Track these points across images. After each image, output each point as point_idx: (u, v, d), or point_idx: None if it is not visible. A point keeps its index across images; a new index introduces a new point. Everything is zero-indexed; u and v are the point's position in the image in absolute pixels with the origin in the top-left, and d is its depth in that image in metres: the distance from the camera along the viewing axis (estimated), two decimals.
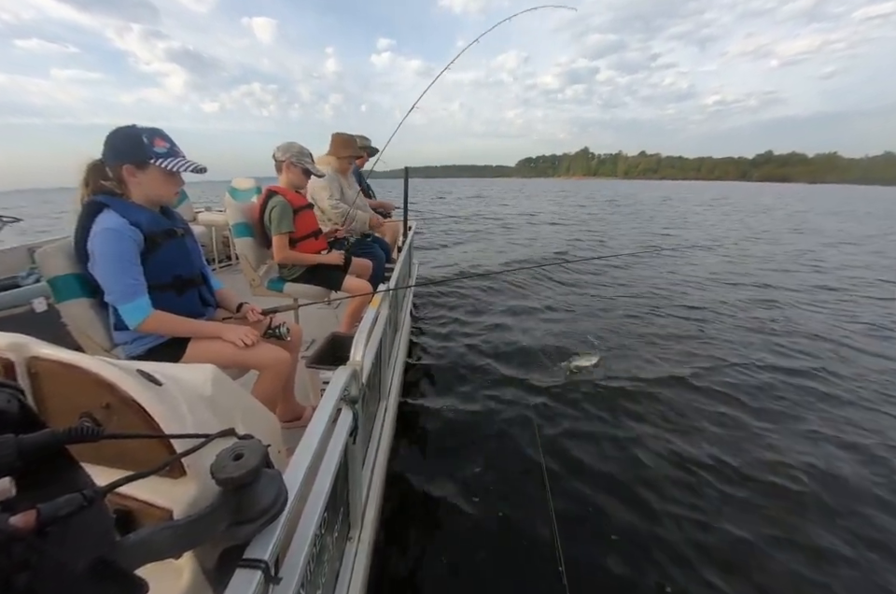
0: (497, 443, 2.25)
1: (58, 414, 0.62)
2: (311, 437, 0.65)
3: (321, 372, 1.66)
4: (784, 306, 4.77)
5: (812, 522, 1.75)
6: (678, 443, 2.23)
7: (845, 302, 5.05)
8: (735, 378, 2.97)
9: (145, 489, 0.59)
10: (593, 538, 1.65)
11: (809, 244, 9.87)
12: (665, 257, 7.43)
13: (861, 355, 3.49)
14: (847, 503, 1.85)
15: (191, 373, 0.73)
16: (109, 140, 1.10)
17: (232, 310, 1.44)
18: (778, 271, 6.73)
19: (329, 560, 0.79)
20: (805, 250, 8.86)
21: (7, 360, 0.61)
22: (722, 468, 2.05)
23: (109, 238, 1.07)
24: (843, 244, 10.00)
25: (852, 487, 1.95)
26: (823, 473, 2.03)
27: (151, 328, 1.16)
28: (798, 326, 4.11)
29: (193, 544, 0.43)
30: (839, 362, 3.33)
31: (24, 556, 0.27)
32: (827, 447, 2.23)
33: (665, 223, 14.12)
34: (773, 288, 5.59)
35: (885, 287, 5.79)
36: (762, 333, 3.89)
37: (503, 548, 1.60)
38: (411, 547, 1.61)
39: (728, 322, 4.17)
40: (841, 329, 4.06)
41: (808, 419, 2.49)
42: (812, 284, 5.88)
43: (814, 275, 6.56)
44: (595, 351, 3.33)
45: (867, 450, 2.23)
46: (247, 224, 2.10)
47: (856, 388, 2.91)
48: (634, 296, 5.07)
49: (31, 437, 0.33)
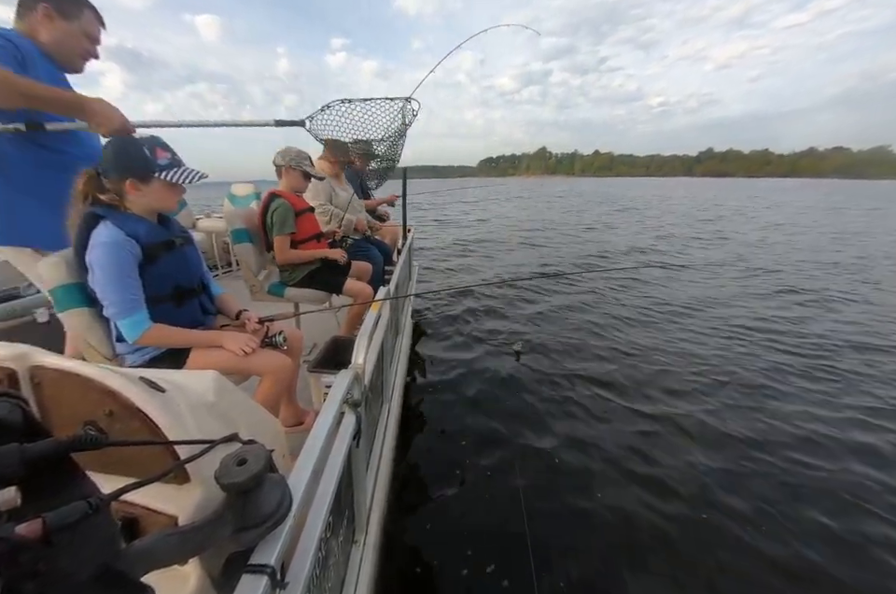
0: (503, 442, 2.24)
1: (61, 422, 0.63)
2: (314, 441, 0.65)
3: (323, 376, 1.66)
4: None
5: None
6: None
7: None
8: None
9: (149, 496, 0.59)
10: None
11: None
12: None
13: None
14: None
15: (194, 379, 0.73)
16: (108, 153, 1.10)
17: (232, 317, 1.44)
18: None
19: (335, 565, 0.79)
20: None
21: (10, 369, 0.61)
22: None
23: (107, 253, 1.07)
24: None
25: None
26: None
27: (150, 341, 1.16)
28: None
29: (199, 551, 0.43)
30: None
31: (31, 564, 0.27)
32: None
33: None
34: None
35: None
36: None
37: (510, 552, 1.60)
38: (417, 550, 1.60)
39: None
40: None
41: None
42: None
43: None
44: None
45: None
46: (246, 230, 2.11)
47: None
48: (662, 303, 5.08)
49: (35, 446, 0.33)
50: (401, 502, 1.77)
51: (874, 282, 5.84)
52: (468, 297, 4.93)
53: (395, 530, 1.61)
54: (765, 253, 8.06)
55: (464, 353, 3.38)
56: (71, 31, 1.34)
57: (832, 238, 10.14)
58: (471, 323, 4.07)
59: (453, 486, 1.93)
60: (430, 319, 4.21)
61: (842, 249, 8.56)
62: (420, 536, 1.67)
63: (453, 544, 1.63)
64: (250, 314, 1.42)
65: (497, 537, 1.66)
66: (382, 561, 1.14)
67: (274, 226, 2.01)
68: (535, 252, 8.23)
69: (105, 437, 0.38)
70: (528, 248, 8.67)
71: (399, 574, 1.51)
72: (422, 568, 1.54)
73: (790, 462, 2.10)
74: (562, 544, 1.63)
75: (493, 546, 1.62)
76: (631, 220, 14.16)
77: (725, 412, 2.51)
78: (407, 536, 1.66)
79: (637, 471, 2.01)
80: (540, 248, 8.60)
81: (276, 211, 2.00)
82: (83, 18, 1.36)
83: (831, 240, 9.83)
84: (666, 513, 1.76)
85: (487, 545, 1.62)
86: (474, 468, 2.04)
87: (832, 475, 2.02)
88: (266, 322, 1.42)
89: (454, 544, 1.63)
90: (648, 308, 4.54)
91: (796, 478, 1.99)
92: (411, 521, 1.73)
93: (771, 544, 1.63)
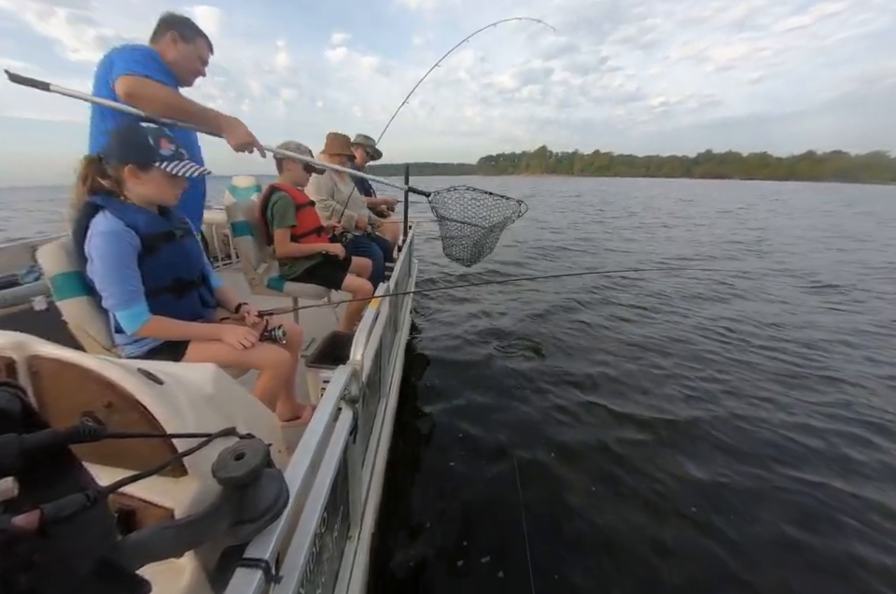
0: (500, 439, 2.25)
1: (59, 413, 0.62)
2: (311, 436, 0.65)
3: (321, 371, 1.65)
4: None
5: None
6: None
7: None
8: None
9: (146, 489, 0.59)
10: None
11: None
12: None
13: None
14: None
15: (193, 371, 0.73)
16: (112, 138, 1.09)
17: (231, 309, 1.43)
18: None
19: (329, 559, 0.79)
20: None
21: (8, 358, 0.61)
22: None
23: (105, 243, 1.06)
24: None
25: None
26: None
27: (149, 333, 1.16)
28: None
29: (195, 544, 0.43)
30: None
31: (27, 555, 0.27)
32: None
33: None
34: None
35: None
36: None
37: (505, 544, 1.61)
38: (410, 546, 1.61)
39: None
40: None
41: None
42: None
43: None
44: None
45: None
46: (247, 222, 2.10)
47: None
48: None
49: (33, 437, 0.33)
50: (397, 497, 1.78)
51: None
52: (468, 294, 4.93)
53: (389, 526, 1.62)
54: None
55: (462, 350, 3.39)
56: (189, 54, 1.64)
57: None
58: (471, 321, 4.08)
59: (448, 481, 1.94)
60: (430, 317, 4.21)
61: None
62: (414, 532, 1.68)
63: (447, 538, 1.64)
64: (250, 307, 1.42)
65: (492, 531, 1.68)
66: (376, 556, 1.14)
67: (275, 219, 2.01)
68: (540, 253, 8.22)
69: (103, 429, 0.38)
70: (534, 249, 8.66)
71: (393, 569, 1.52)
72: (416, 563, 1.55)
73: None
74: (558, 537, 1.64)
75: (488, 540, 1.63)
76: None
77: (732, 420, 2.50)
78: (402, 532, 1.67)
79: (638, 471, 2.03)
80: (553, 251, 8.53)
81: (277, 204, 1.99)
82: (199, 44, 1.66)
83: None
84: (665, 531, 1.70)
85: (482, 539, 1.63)
86: (471, 464, 2.05)
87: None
88: (265, 316, 1.41)
89: (448, 540, 1.64)
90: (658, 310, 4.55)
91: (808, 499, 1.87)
92: (405, 517, 1.74)
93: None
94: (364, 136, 3.21)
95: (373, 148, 3.25)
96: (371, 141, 3.22)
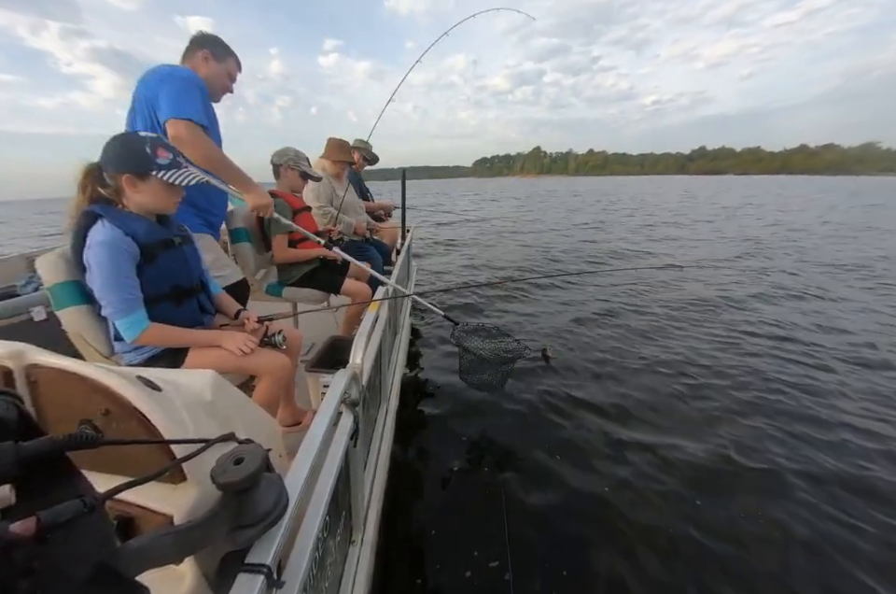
0: (502, 443, 2.24)
1: (57, 421, 0.62)
2: (311, 441, 0.65)
3: (321, 375, 1.65)
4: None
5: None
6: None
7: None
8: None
9: (145, 495, 0.59)
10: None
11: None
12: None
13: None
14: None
15: (191, 378, 0.72)
16: (109, 147, 1.09)
17: (231, 316, 1.43)
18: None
19: (332, 564, 0.79)
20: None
21: (6, 367, 0.61)
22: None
23: (104, 252, 1.06)
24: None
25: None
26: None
27: (148, 341, 1.16)
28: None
29: (194, 550, 0.43)
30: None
31: (25, 562, 0.27)
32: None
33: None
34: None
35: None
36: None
37: (511, 548, 1.60)
38: (414, 550, 1.60)
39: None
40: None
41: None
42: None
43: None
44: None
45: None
46: (245, 229, 2.10)
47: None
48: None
49: (30, 444, 0.33)
50: (399, 501, 1.77)
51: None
52: (468, 297, 4.93)
53: (392, 530, 1.60)
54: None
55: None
56: (220, 72, 1.70)
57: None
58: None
59: (451, 485, 1.93)
60: (429, 320, 4.21)
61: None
62: (418, 536, 1.67)
63: (451, 542, 1.63)
64: (249, 313, 1.42)
65: (497, 535, 1.66)
66: (379, 561, 1.13)
67: (273, 224, 2.01)
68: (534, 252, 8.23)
69: (101, 436, 0.38)
70: (530, 248, 8.68)
71: (397, 574, 1.50)
72: (420, 567, 1.54)
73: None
74: (565, 541, 1.63)
75: (494, 544, 1.61)
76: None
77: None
78: (405, 536, 1.66)
79: (638, 473, 2.02)
80: (544, 249, 8.57)
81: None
82: (229, 62, 1.72)
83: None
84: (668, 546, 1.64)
85: (488, 543, 1.62)
86: (474, 467, 2.04)
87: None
88: (265, 322, 1.41)
89: (452, 543, 1.63)
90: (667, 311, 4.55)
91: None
92: (408, 521, 1.73)
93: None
94: (362, 141, 3.23)
95: (370, 153, 3.27)
96: (368, 145, 3.24)
